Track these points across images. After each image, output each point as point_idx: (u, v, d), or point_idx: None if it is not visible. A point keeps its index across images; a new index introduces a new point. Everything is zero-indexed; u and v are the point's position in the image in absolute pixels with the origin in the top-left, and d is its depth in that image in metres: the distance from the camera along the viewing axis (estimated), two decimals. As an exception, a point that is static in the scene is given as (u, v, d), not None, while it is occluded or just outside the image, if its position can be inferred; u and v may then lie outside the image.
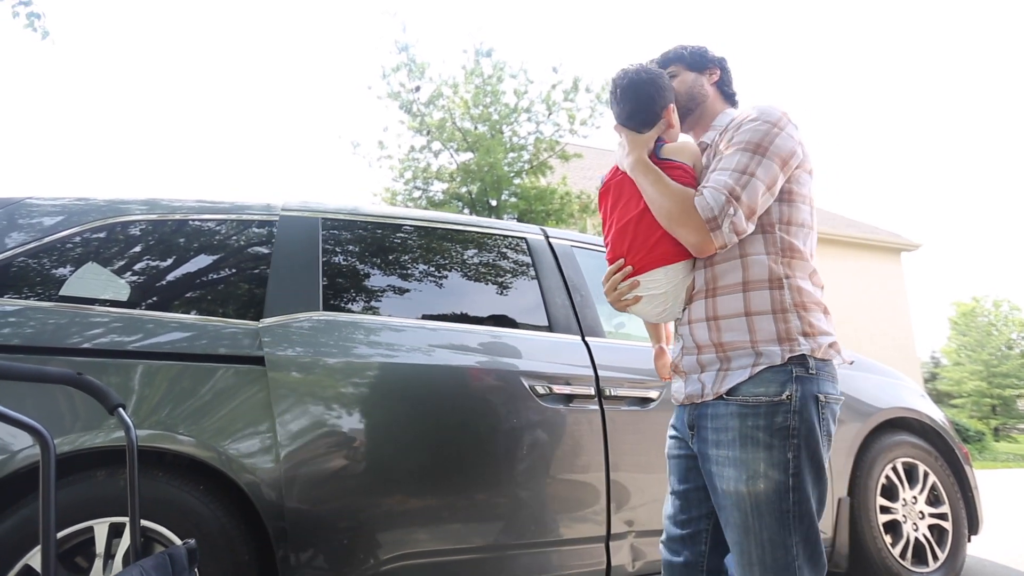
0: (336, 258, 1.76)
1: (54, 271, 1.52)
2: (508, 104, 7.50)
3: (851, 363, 1.16)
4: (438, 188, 7.85)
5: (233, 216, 1.73)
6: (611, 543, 1.64)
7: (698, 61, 1.22)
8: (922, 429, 2.39)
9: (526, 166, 7.62)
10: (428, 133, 7.44)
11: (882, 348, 11.80)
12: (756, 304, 1.01)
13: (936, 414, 2.42)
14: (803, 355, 0.98)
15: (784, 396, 0.96)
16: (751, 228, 1.01)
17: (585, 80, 7.47)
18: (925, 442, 2.31)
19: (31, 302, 1.43)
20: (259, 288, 1.62)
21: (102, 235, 1.59)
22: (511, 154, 7.44)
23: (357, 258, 1.79)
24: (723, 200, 0.98)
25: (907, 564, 2.09)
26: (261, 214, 1.74)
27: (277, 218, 1.74)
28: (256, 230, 1.73)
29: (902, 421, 2.34)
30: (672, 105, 1.16)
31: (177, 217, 1.68)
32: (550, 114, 7.67)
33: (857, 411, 2.18)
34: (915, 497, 2.21)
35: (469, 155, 7.47)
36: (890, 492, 2.17)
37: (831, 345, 1.03)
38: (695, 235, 1.01)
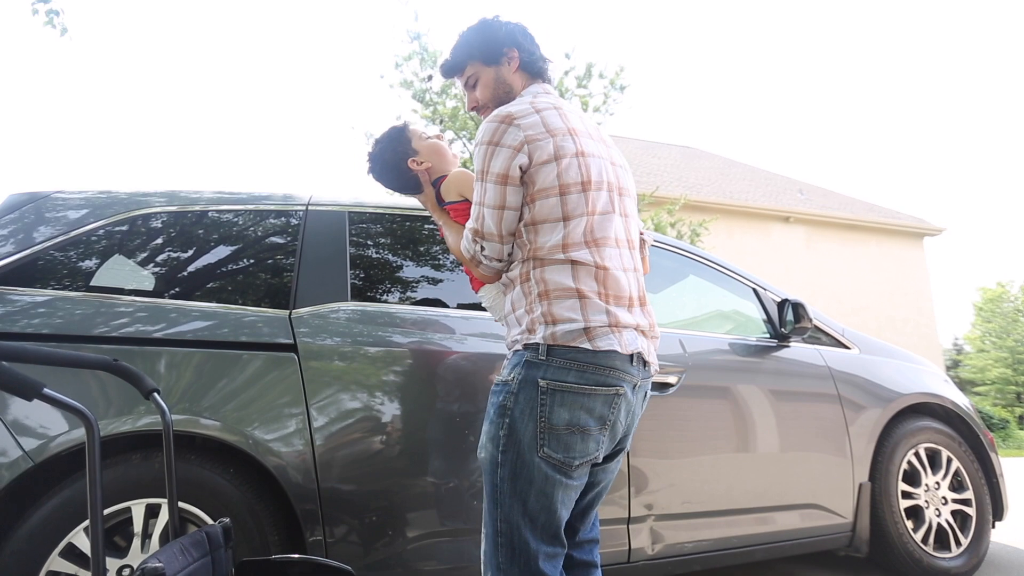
0: (362, 250, 1.79)
1: (82, 263, 1.56)
2: (521, 92, 7.43)
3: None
4: (452, 178, 7.84)
5: (258, 207, 1.76)
6: (631, 526, 1.66)
7: (492, 51, 1.21)
8: (945, 415, 2.36)
9: (539, 154, 7.56)
10: (441, 122, 7.43)
11: (904, 335, 11.59)
12: (513, 301, 1.10)
13: (960, 399, 2.38)
14: (536, 343, 1.01)
15: (509, 378, 1.03)
16: (509, 247, 1.11)
17: (599, 66, 7.39)
18: (948, 427, 2.28)
19: (62, 292, 1.47)
20: (285, 278, 1.65)
21: (128, 228, 1.63)
22: (524, 142, 7.38)
23: (383, 249, 1.82)
24: (470, 241, 1.13)
25: (929, 549, 2.07)
26: (287, 206, 1.77)
27: (303, 210, 1.77)
28: (282, 222, 1.75)
29: (925, 407, 2.31)
30: (411, 157, 1.38)
31: (203, 209, 1.72)
32: (563, 101, 7.59)
33: (878, 396, 2.16)
34: (938, 483, 2.19)
35: (482, 144, 7.43)
36: (912, 478, 2.16)
37: (581, 331, 1.00)
38: (474, 271, 1.20)
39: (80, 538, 1.29)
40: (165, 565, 0.80)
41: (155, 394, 1.07)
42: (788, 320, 2.07)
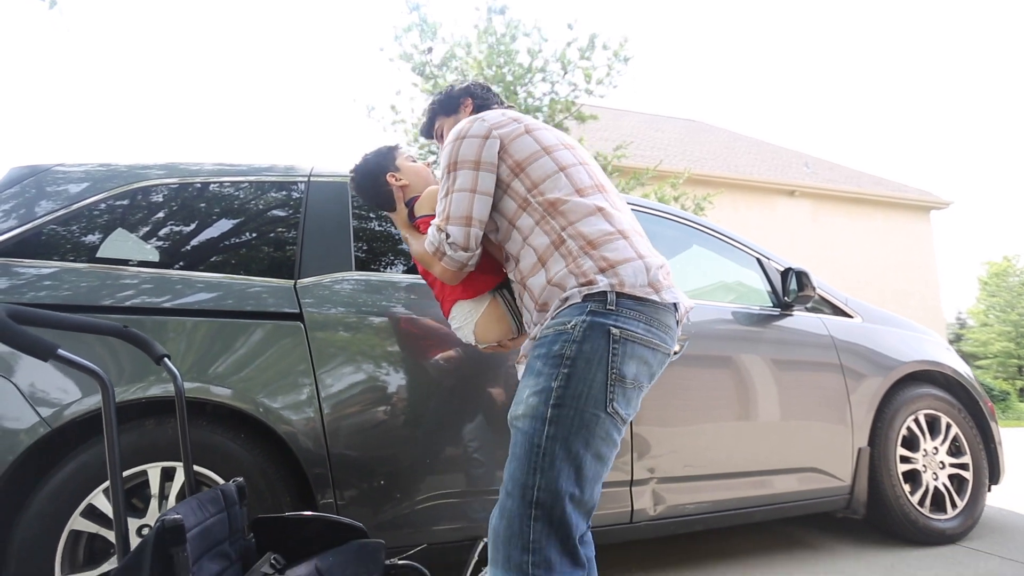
0: (366, 221, 1.79)
1: (85, 236, 1.57)
2: (522, 64, 7.30)
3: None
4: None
5: (260, 179, 1.76)
6: (634, 488, 1.70)
7: (450, 104, 1.36)
8: (946, 382, 2.38)
9: (541, 128, 7.46)
10: (441, 96, 7.31)
11: (908, 309, 11.58)
12: (553, 270, 1.01)
13: (962, 367, 2.40)
14: (602, 291, 0.94)
15: (569, 325, 0.93)
16: (477, 232, 1.07)
17: (602, 37, 7.22)
18: (949, 395, 2.31)
19: (67, 264, 1.49)
20: (289, 249, 1.66)
21: (129, 200, 1.64)
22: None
23: (386, 220, 1.81)
24: (435, 232, 1.10)
25: (925, 511, 2.12)
26: (289, 177, 1.77)
27: (306, 181, 1.76)
28: (284, 193, 1.75)
29: (926, 374, 2.33)
30: (390, 172, 1.40)
31: (205, 180, 1.72)
32: (565, 73, 7.46)
33: (879, 365, 2.18)
34: (936, 448, 2.22)
35: (483, 118, 7.33)
36: (911, 443, 2.19)
37: (645, 278, 0.97)
38: (436, 268, 1.15)
39: (99, 499, 1.33)
40: (184, 517, 0.83)
41: (165, 359, 1.09)
42: (791, 289, 2.07)
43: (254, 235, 1.70)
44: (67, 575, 1.29)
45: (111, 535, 1.34)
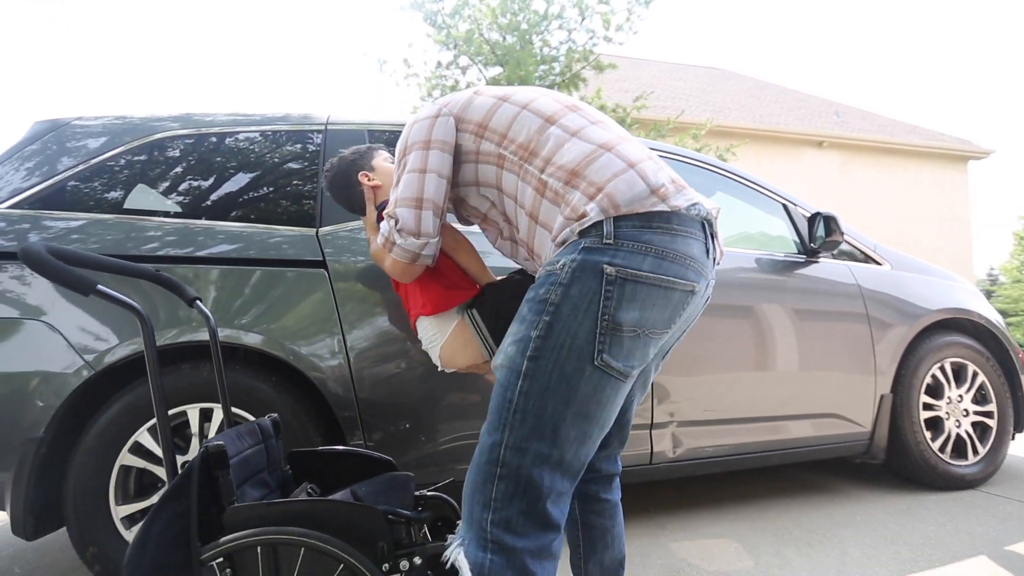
0: None
1: (106, 189, 1.59)
2: (537, 11, 6.99)
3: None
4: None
5: (277, 128, 1.75)
6: (654, 431, 1.73)
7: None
8: (975, 330, 2.33)
9: (558, 79, 7.23)
10: (455, 47, 7.09)
11: (937, 264, 11.24)
12: (552, 223, 0.87)
13: (992, 315, 2.34)
14: (596, 222, 0.80)
15: (558, 266, 0.79)
16: (430, 216, 0.96)
17: (622, -22, 6.83)
18: (977, 343, 2.26)
19: (94, 215, 1.52)
20: (308, 198, 1.67)
21: (149, 153, 1.65)
22: (542, 67, 7.05)
23: None
24: (385, 221, 1.01)
25: (945, 457, 2.13)
26: (305, 126, 1.76)
27: (323, 130, 1.75)
28: (302, 142, 1.75)
29: (954, 322, 2.28)
30: (364, 171, 1.31)
31: (223, 131, 1.72)
32: (583, 20, 7.13)
33: (906, 313, 2.14)
34: (961, 396, 2.20)
35: (498, 69, 7.12)
36: (935, 390, 2.17)
37: (645, 188, 0.81)
38: (387, 262, 1.05)
39: (145, 437, 1.41)
40: (226, 444, 0.87)
41: (198, 301, 1.12)
42: (818, 235, 2.02)
43: (273, 185, 1.70)
44: (120, 505, 1.39)
45: (157, 470, 1.43)
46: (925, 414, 2.13)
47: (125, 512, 1.39)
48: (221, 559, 0.81)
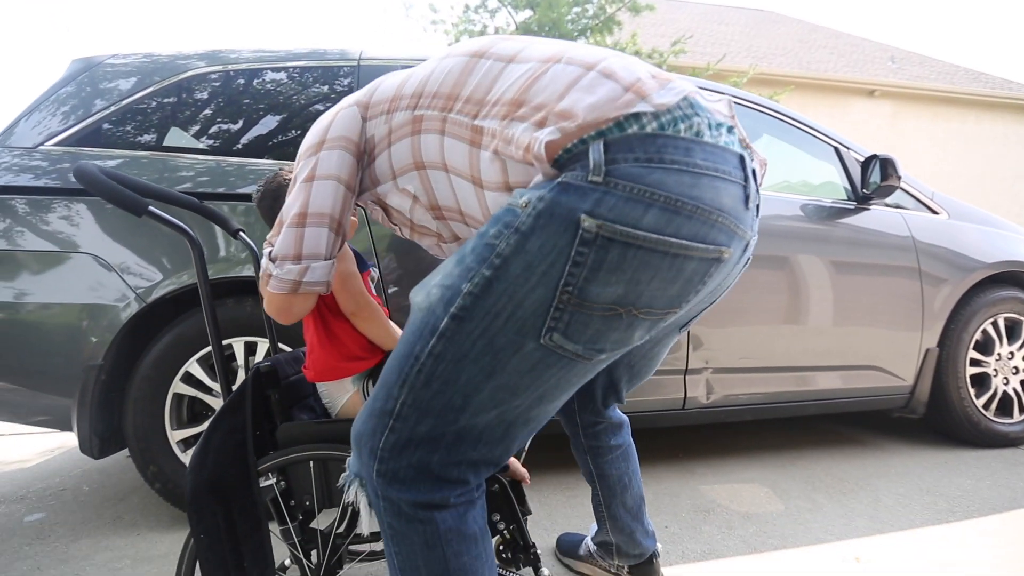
0: None
1: (142, 128, 1.60)
2: (572, -54, 6.56)
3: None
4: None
5: (310, 64, 1.72)
6: (688, 377, 1.73)
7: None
8: (1035, 285, 2.21)
9: (592, 22, 6.86)
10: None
11: (988, 223, 10.59)
12: (491, 173, 0.66)
13: (1056, 270, 2.20)
14: (578, 151, 0.58)
15: (521, 202, 0.59)
16: (315, 232, 0.74)
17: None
18: (1036, 298, 2.14)
19: (131, 152, 1.54)
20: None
21: (181, 92, 1.64)
22: (575, 9, 6.68)
23: None
24: (265, 251, 0.80)
25: (989, 415, 2.06)
26: (339, 62, 1.72)
27: (356, 66, 1.71)
28: (335, 78, 1.71)
29: (1013, 276, 2.16)
30: None
31: (253, 68, 1.69)
32: (620, -44, 6.67)
33: (960, 266, 2.03)
34: (1012, 353, 2.11)
35: (528, 13, 6.79)
36: (985, 346, 2.09)
37: (611, 87, 0.59)
38: (265, 300, 0.80)
39: (194, 367, 1.47)
40: (275, 364, 0.90)
41: (241, 233, 1.13)
42: (872, 181, 1.91)
43: (306, 122, 1.68)
44: (175, 430, 1.48)
45: (207, 399, 1.50)
46: (972, 370, 2.05)
47: (180, 436, 1.48)
48: (275, 472, 0.85)
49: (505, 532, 0.89)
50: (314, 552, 0.86)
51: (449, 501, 0.65)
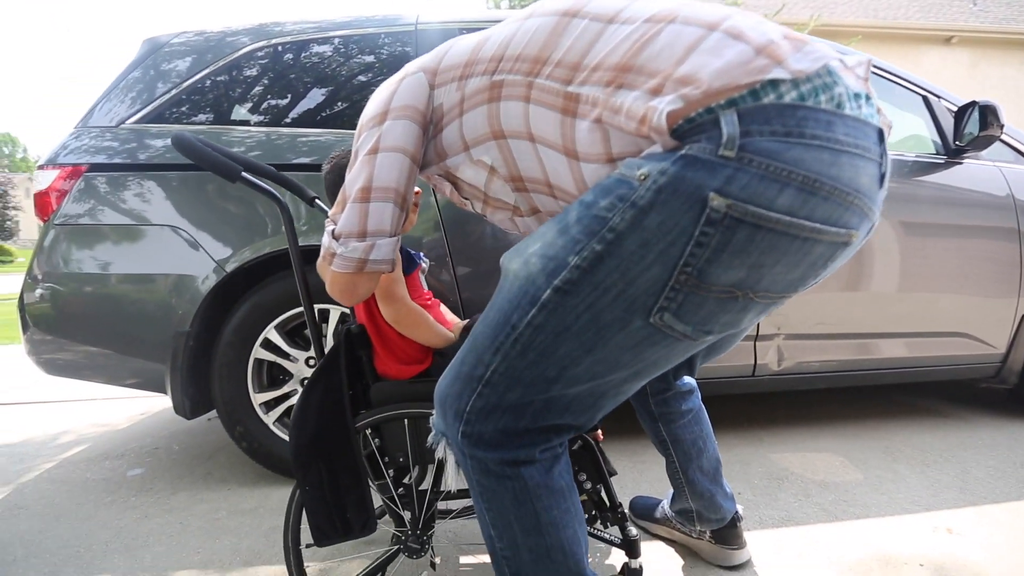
0: None
1: (205, 103, 1.64)
2: None
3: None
4: None
5: (365, 31, 1.71)
6: (758, 343, 1.67)
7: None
8: None
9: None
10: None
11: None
12: (588, 145, 0.61)
13: None
14: (706, 120, 0.52)
15: (638, 174, 0.54)
16: (380, 207, 0.71)
17: None
18: None
19: (194, 126, 1.59)
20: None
21: (240, 67, 1.67)
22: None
23: None
24: (327, 229, 0.75)
25: (1092, 385, 1.90)
26: (395, 27, 1.70)
27: (413, 30, 1.69)
28: (391, 45, 1.70)
29: None
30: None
31: (309, 38, 1.70)
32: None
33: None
34: (1122, 318, 1.92)
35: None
36: (1090, 312, 1.91)
37: (742, 49, 0.53)
38: (327, 281, 0.76)
39: (272, 334, 1.54)
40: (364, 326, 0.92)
41: (317, 200, 1.15)
42: (967, 132, 1.74)
43: (365, 90, 1.68)
44: (257, 394, 1.56)
45: (285, 363, 1.57)
46: (1074, 337, 1.89)
47: (262, 399, 1.56)
48: (370, 429, 0.87)
49: (591, 491, 0.89)
50: (408, 507, 0.89)
51: (535, 457, 0.65)
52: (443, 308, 1.06)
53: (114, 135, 1.60)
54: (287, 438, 1.57)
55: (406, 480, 0.92)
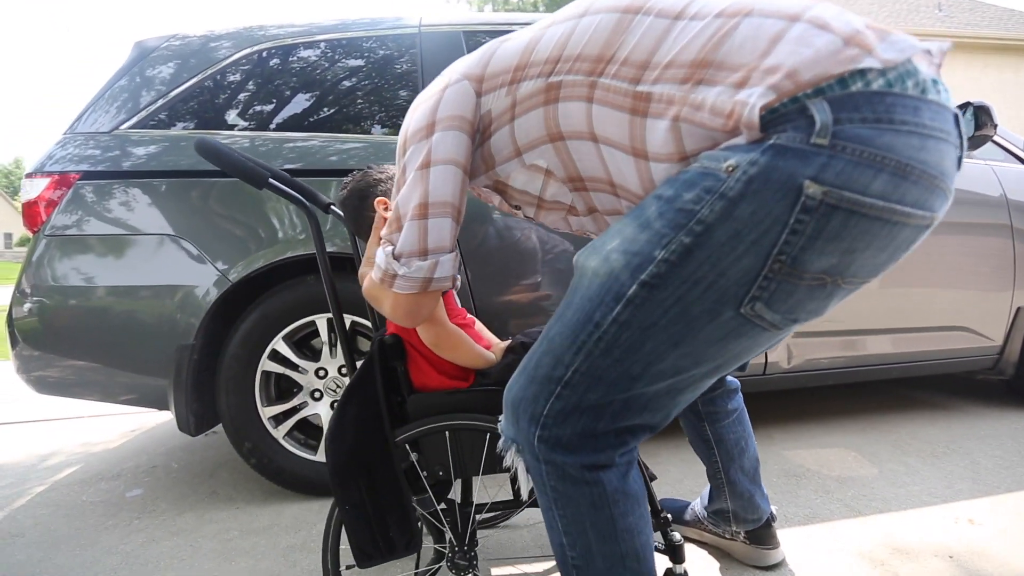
0: None
1: (201, 107, 1.59)
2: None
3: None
4: None
5: (367, 34, 1.68)
6: (770, 342, 1.68)
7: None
8: None
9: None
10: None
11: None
12: (660, 144, 0.59)
13: None
14: (796, 108, 0.52)
15: (724, 166, 0.54)
16: (441, 223, 0.69)
17: None
18: None
19: (188, 132, 1.54)
20: (406, 105, 1.61)
21: (242, 69, 1.62)
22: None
23: None
24: (381, 253, 0.73)
25: (1082, 374, 1.97)
26: (398, 29, 1.68)
27: (416, 33, 1.67)
28: (396, 46, 1.67)
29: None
30: (384, 198, 0.92)
31: (317, 38, 1.66)
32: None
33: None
34: (1108, 309, 1.99)
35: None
36: (1079, 303, 1.98)
37: (831, 39, 0.53)
38: (387, 304, 0.75)
39: (280, 345, 1.49)
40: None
41: (332, 207, 1.12)
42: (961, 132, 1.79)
43: (371, 93, 1.65)
44: (265, 407, 1.51)
45: (294, 375, 1.52)
46: (1065, 328, 1.95)
47: (271, 413, 1.51)
48: (408, 442, 0.84)
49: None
50: (451, 522, 0.86)
51: (614, 461, 0.64)
52: (479, 326, 1.03)
53: (107, 141, 1.53)
54: (299, 453, 1.52)
55: (447, 495, 0.89)
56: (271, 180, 0.83)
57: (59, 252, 1.47)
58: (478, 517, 0.88)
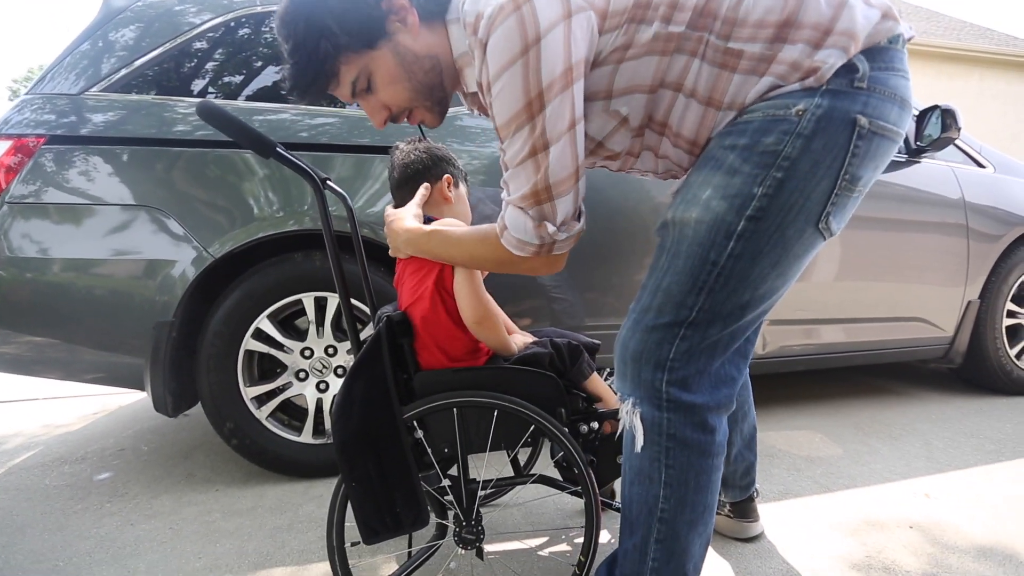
0: None
1: (184, 71, 1.51)
2: None
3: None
4: None
5: None
6: (748, 328, 1.75)
7: (365, 31, 0.72)
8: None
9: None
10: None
11: (983, 182, 10.68)
12: (736, 94, 0.69)
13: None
14: (849, 63, 0.66)
15: (794, 111, 0.65)
16: (583, 183, 0.71)
17: None
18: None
19: (171, 97, 1.46)
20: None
21: (220, 36, 1.55)
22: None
23: None
24: (527, 216, 0.70)
25: (1021, 364, 2.14)
26: None
27: None
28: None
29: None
30: (433, 179, 0.95)
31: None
32: None
33: (1003, 220, 2.05)
34: (1045, 304, 2.17)
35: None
36: (1020, 299, 2.14)
37: (877, 14, 0.67)
38: (526, 264, 0.76)
39: (264, 323, 1.45)
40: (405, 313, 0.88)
41: (329, 182, 1.09)
42: (927, 134, 1.89)
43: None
44: (248, 387, 1.47)
45: (279, 354, 1.48)
46: (1008, 321, 2.11)
47: (253, 393, 1.47)
48: (415, 419, 0.84)
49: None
50: (458, 498, 0.86)
51: (732, 400, 0.74)
52: (503, 314, 1.04)
53: (79, 103, 1.43)
54: (282, 434, 1.49)
55: (452, 471, 0.89)
56: (278, 149, 0.80)
57: (21, 221, 1.37)
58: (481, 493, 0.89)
